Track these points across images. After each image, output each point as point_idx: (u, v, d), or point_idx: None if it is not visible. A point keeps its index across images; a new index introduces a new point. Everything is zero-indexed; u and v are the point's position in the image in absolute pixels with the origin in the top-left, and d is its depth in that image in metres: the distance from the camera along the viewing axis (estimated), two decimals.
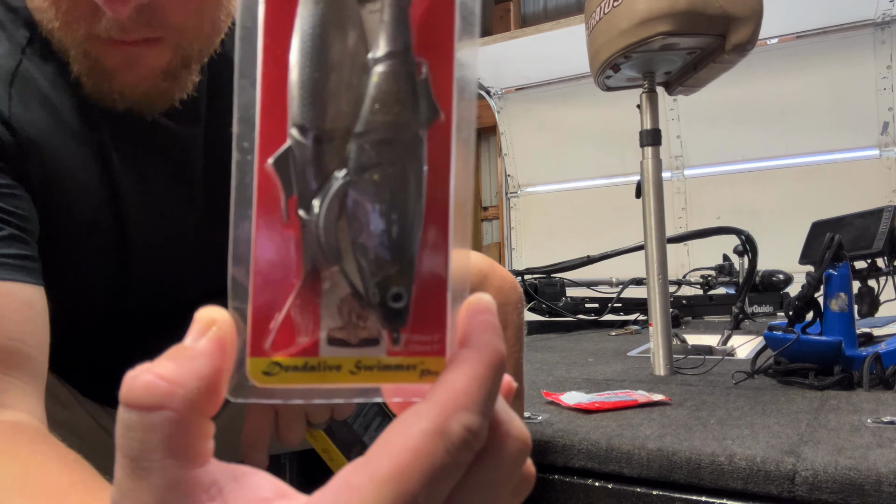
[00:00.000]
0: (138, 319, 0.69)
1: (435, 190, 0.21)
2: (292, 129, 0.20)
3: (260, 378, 0.21)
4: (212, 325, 0.20)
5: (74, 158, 0.59)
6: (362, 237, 0.21)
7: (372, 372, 0.21)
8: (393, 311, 0.21)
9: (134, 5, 0.50)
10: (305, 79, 0.20)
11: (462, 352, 0.21)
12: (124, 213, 0.62)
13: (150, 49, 0.54)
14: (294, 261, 0.21)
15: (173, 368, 0.20)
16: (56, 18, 0.53)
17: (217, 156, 0.66)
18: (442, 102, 0.21)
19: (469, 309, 0.22)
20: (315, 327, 0.21)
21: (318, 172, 0.20)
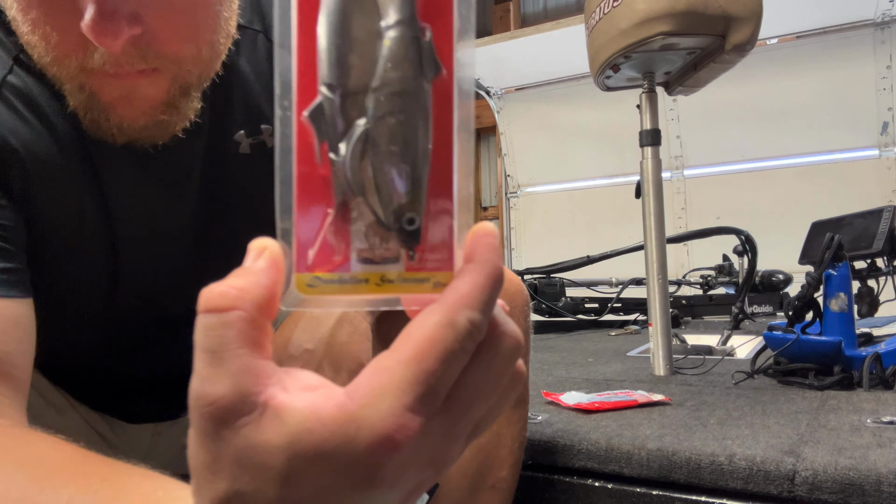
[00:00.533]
0: (129, 330, 0.69)
1: (440, 132, 0.25)
2: (322, 87, 0.25)
3: (304, 290, 0.26)
4: (264, 250, 0.26)
5: (62, 168, 0.57)
6: (380, 172, 0.25)
7: (393, 284, 0.26)
8: (408, 233, 0.25)
9: (126, 38, 0.47)
10: (331, 45, 0.25)
11: (467, 265, 0.26)
12: (115, 224, 0.61)
13: (146, 80, 0.52)
14: (327, 194, 0.26)
15: (241, 281, 0.25)
16: (47, 53, 0.51)
17: (217, 165, 0.64)
18: (443, 59, 0.25)
19: (474, 233, 0.26)
20: (346, 248, 0.26)
21: (344, 121, 0.25)
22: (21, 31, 0.51)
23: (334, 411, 0.24)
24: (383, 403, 0.24)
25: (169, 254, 0.66)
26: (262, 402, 0.24)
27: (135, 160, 0.60)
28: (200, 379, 0.25)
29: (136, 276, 0.64)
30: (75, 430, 0.73)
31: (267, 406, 0.24)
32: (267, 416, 0.24)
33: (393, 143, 0.25)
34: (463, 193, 0.26)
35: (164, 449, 0.80)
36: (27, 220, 0.57)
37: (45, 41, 0.50)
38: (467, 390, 0.26)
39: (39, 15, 0.49)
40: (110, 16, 0.46)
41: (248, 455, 0.24)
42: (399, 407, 0.24)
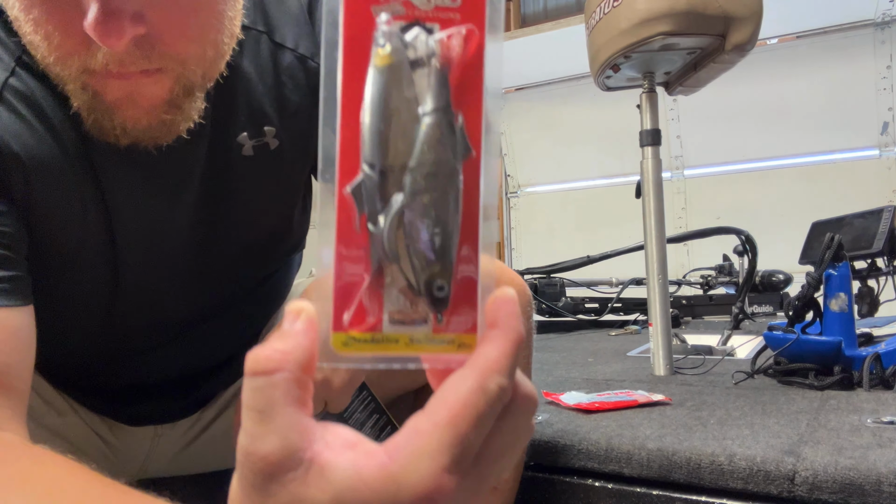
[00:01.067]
0: (130, 333, 0.69)
1: (468, 208, 0.29)
2: (364, 165, 0.28)
3: (340, 347, 0.28)
4: (301, 313, 0.28)
5: (64, 172, 0.57)
6: (414, 244, 0.28)
7: (421, 345, 0.29)
8: (437, 299, 0.28)
9: (130, 38, 0.47)
10: (373, 129, 0.28)
11: (493, 332, 0.28)
12: (116, 227, 0.60)
13: (150, 80, 0.51)
14: (364, 261, 0.28)
15: (283, 344, 0.27)
16: (50, 53, 0.50)
17: (220, 167, 0.64)
18: (473, 142, 0.29)
19: (497, 299, 0.28)
20: (380, 310, 0.28)
21: (382, 196, 0.28)
22: (23, 31, 0.50)
23: (376, 471, 0.25)
24: (422, 465, 0.25)
25: (170, 257, 0.65)
26: (307, 459, 0.26)
27: (136, 163, 0.59)
28: (250, 436, 0.26)
29: (137, 279, 0.64)
30: (75, 432, 0.73)
31: (312, 463, 0.26)
32: (312, 472, 0.25)
33: (427, 218, 0.28)
34: (486, 261, 0.29)
35: (163, 451, 0.80)
36: (29, 225, 0.56)
37: (48, 41, 0.49)
38: (494, 448, 0.28)
39: (41, 14, 0.48)
40: (114, 15, 0.46)
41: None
42: (437, 468, 0.26)
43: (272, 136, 0.65)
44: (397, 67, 0.28)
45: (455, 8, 0.29)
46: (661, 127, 1.27)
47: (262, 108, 0.64)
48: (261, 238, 0.71)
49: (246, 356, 0.27)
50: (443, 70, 0.28)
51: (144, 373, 0.74)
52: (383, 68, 0.28)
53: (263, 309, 0.81)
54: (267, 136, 0.65)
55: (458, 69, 0.29)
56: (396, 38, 0.28)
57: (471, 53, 0.29)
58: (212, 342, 0.76)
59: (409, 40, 0.28)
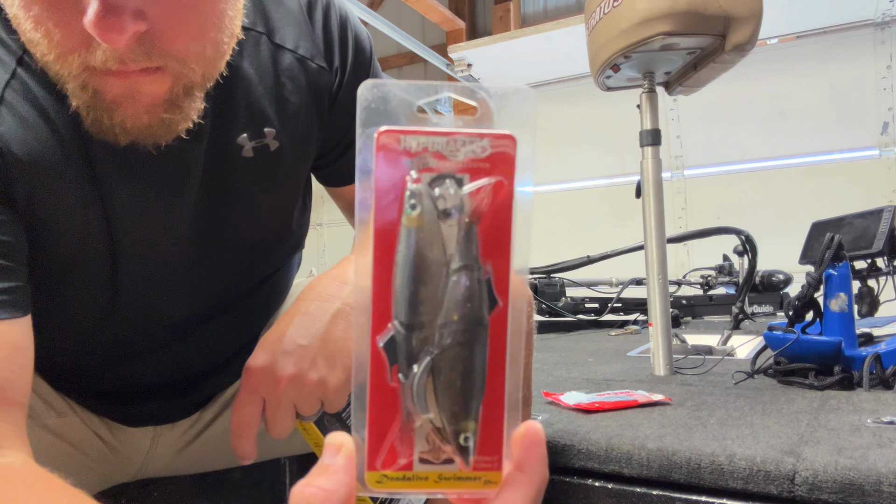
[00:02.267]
0: (130, 334, 0.68)
1: (494, 354, 0.30)
2: (395, 321, 0.30)
3: (374, 485, 0.31)
4: (340, 447, 0.30)
5: (66, 175, 0.56)
6: (442, 396, 0.30)
7: (450, 481, 0.31)
8: (463, 448, 0.30)
9: (131, 35, 0.47)
10: (404, 289, 0.30)
11: (519, 476, 0.30)
12: (115, 228, 0.60)
13: (150, 78, 0.51)
14: (395, 407, 0.30)
15: (325, 481, 0.28)
16: (50, 51, 0.49)
17: (219, 168, 0.64)
18: (500, 292, 0.30)
19: (525, 438, 0.30)
20: (410, 451, 0.31)
21: (412, 351, 0.30)
22: (22, 29, 0.50)
23: None
24: None
25: (170, 258, 0.65)
26: None
27: (136, 163, 0.59)
28: None
29: (137, 279, 0.64)
30: (75, 433, 0.73)
31: None
32: None
33: (453, 372, 0.30)
34: (512, 400, 0.31)
35: (162, 451, 0.80)
36: (29, 228, 0.56)
37: (48, 38, 0.49)
38: None
39: (41, 11, 0.48)
40: (115, 12, 0.45)
41: None
42: None
43: (272, 138, 0.65)
44: (426, 228, 0.29)
45: (485, 158, 0.30)
46: (661, 127, 1.27)
47: (262, 109, 0.64)
48: (261, 239, 0.71)
49: (291, 491, 0.28)
50: (471, 224, 0.30)
51: (144, 374, 0.74)
52: (413, 230, 0.29)
53: (263, 309, 0.81)
54: (267, 138, 0.65)
55: (486, 221, 0.30)
56: (426, 197, 0.29)
57: (499, 205, 0.30)
58: (212, 343, 0.76)
59: (438, 193, 0.29)
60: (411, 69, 4.90)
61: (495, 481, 0.31)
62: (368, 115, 0.30)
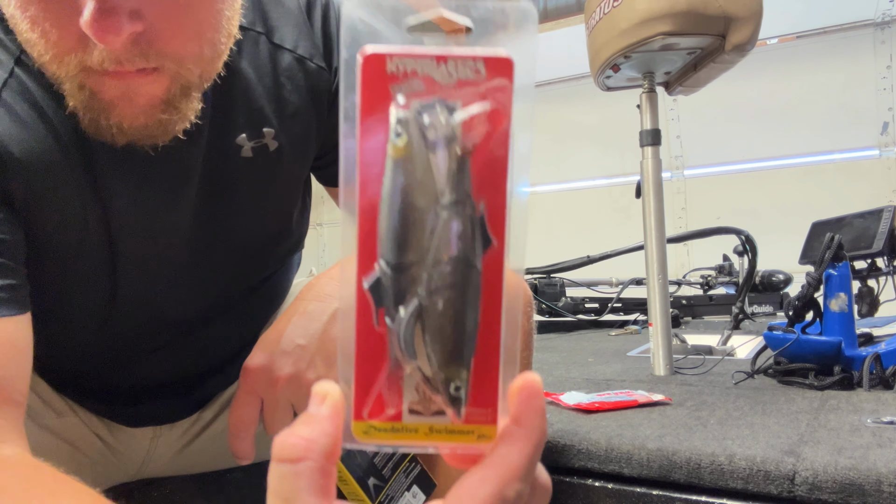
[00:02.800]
0: (129, 334, 0.68)
1: (489, 300, 0.28)
2: (381, 261, 0.27)
3: (361, 436, 0.29)
4: (326, 397, 0.27)
5: (64, 174, 0.56)
6: (431, 343, 0.27)
7: (441, 434, 0.29)
8: (454, 398, 0.28)
9: (127, 36, 0.46)
10: (390, 226, 0.27)
11: (516, 430, 0.27)
12: (114, 228, 0.60)
13: (147, 79, 0.51)
14: (383, 354, 0.28)
15: (308, 430, 0.27)
16: (47, 51, 0.49)
17: (218, 168, 0.64)
18: (495, 232, 0.28)
19: (522, 391, 0.27)
20: (399, 401, 0.28)
21: (399, 293, 0.27)
22: (19, 29, 0.50)
23: None
24: None
25: (169, 257, 0.65)
26: None
27: (135, 163, 0.59)
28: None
29: (136, 279, 0.64)
30: (74, 433, 0.73)
31: None
32: None
33: (444, 318, 0.27)
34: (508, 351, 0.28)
35: (162, 452, 0.80)
36: (28, 227, 0.56)
37: (45, 38, 0.49)
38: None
39: (38, 11, 0.48)
40: (111, 12, 0.45)
41: None
42: None
43: (271, 138, 0.65)
44: (413, 159, 0.27)
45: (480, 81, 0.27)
46: (661, 127, 1.27)
47: (261, 109, 0.64)
48: (260, 239, 0.71)
49: (273, 441, 0.27)
50: (463, 156, 0.27)
51: (144, 374, 0.74)
52: (399, 161, 0.27)
53: (263, 309, 0.81)
54: (266, 138, 0.65)
55: (481, 152, 0.27)
56: (413, 125, 0.27)
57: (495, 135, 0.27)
58: (211, 343, 0.75)
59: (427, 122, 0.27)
60: None
61: (490, 436, 0.28)
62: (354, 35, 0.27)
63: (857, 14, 3.23)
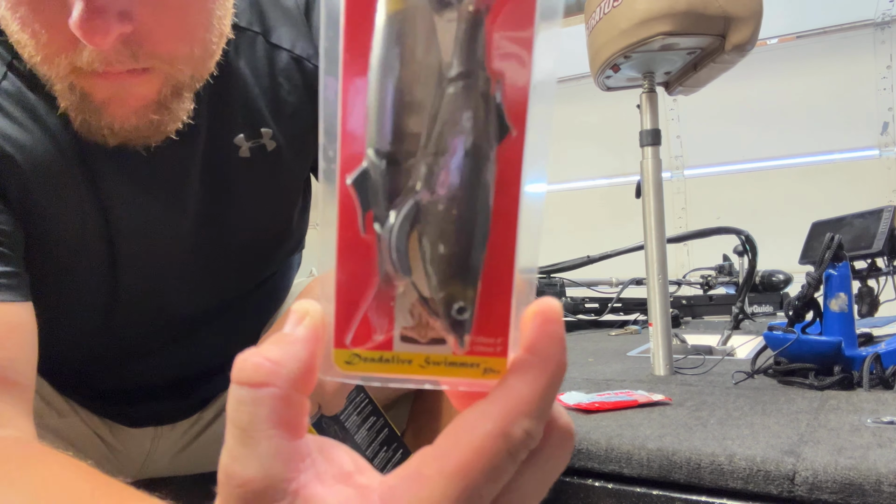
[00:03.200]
0: (128, 336, 0.69)
1: (503, 202, 0.22)
2: (369, 150, 0.22)
3: (343, 366, 0.24)
4: (305, 316, 0.23)
5: (61, 173, 0.56)
6: (430, 253, 0.22)
7: (439, 367, 0.24)
8: (457, 322, 0.22)
9: (116, 36, 0.47)
10: (380, 103, 0.21)
11: (528, 359, 0.23)
12: (113, 229, 0.60)
13: (137, 79, 0.51)
14: (371, 268, 0.23)
15: (277, 352, 0.22)
16: (37, 52, 0.49)
17: (216, 168, 0.64)
18: (514, 118, 0.21)
19: (538, 317, 0.23)
20: (389, 326, 0.23)
21: (392, 191, 0.22)
22: (10, 30, 0.50)
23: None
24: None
25: (169, 258, 0.65)
26: (292, 491, 0.22)
27: (132, 164, 0.59)
28: (231, 456, 0.22)
29: (136, 280, 0.64)
30: (76, 433, 0.73)
31: (297, 496, 0.22)
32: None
33: (447, 222, 0.21)
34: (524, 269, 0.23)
35: (163, 452, 0.80)
36: (27, 228, 0.56)
37: (35, 39, 0.49)
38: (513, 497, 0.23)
39: (28, 12, 0.48)
40: (100, 13, 0.45)
41: None
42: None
43: (269, 138, 0.65)
44: (413, 14, 0.21)
45: None
46: (661, 127, 1.27)
47: (259, 109, 0.64)
48: (260, 239, 0.71)
49: (236, 362, 0.23)
50: (477, 16, 0.21)
51: (144, 374, 0.74)
52: (394, 16, 0.21)
53: (263, 310, 0.81)
54: (264, 138, 0.65)
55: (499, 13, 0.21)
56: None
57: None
58: (212, 343, 0.76)
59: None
60: None
61: (498, 370, 0.23)
62: None
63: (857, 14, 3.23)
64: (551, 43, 0.22)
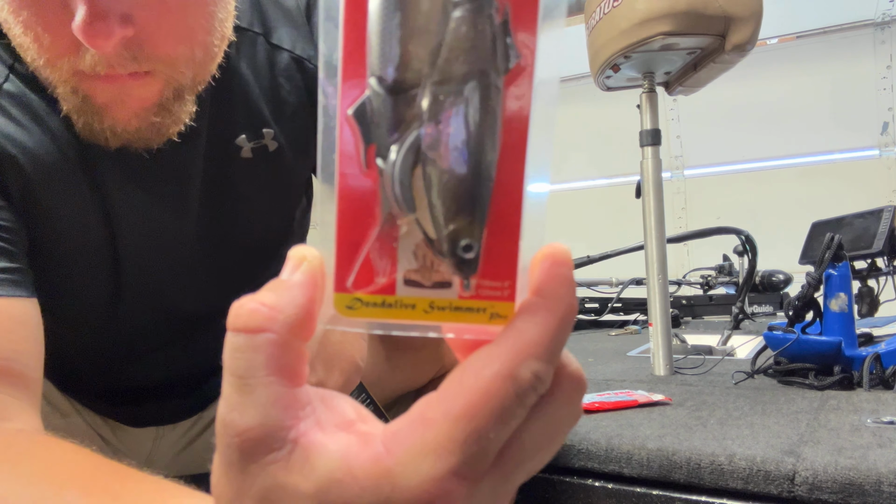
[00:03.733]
0: (131, 336, 0.69)
1: (511, 135, 0.21)
2: (370, 79, 0.21)
3: (344, 311, 0.23)
4: (303, 261, 0.23)
5: (63, 174, 0.57)
6: (435, 187, 0.21)
7: (444, 312, 0.23)
8: (463, 261, 0.22)
9: (118, 39, 0.47)
10: (382, 29, 0.20)
11: (537, 301, 0.22)
12: (116, 230, 0.60)
13: (139, 82, 0.51)
14: (373, 206, 0.22)
15: (273, 297, 0.22)
16: (40, 56, 0.50)
17: (218, 169, 0.64)
18: (522, 45, 0.21)
19: (546, 259, 0.22)
20: (392, 269, 0.22)
21: (395, 122, 0.21)
22: (13, 34, 0.50)
23: (368, 464, 0.21)
24: (425, 463, 0.21)
25: (171, 258, 0.65)
26: (291, 439, 0.21)
27: (134, 165, 0.59)
28: (228, 405, 0.22)
29: (139, 280, 0.64)
30: (78, 433, 0.74)
31: (297, 444, 0.21)
32: (296, 456, 0.21)
33: (452, 153, 0.21)
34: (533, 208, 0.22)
35: (165, 452, 0.81)
36: (29, 227, 0.56)
37: (38, 43, 0.49)
38: (523, 445, 0.23)
39: (31, 16, 0.48)
40: (102, 16, 0.46)
41: (273, 496, 0.21)
42: (443, 469, 0.20)
43: (271, 138, 0.65)
44: None
45: None
46: (661, 127, 1.27)
47: (260, 110, 0.64)
48: (263, 239, 0.72)
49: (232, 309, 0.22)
50: None
51: (145, 374, 0.74)
52: None
53: None
54: (265, 139, 0.65)
55: None
56: None
57: None
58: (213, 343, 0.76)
59: None
60: None
61: (505, 315, 0.22)
62: None
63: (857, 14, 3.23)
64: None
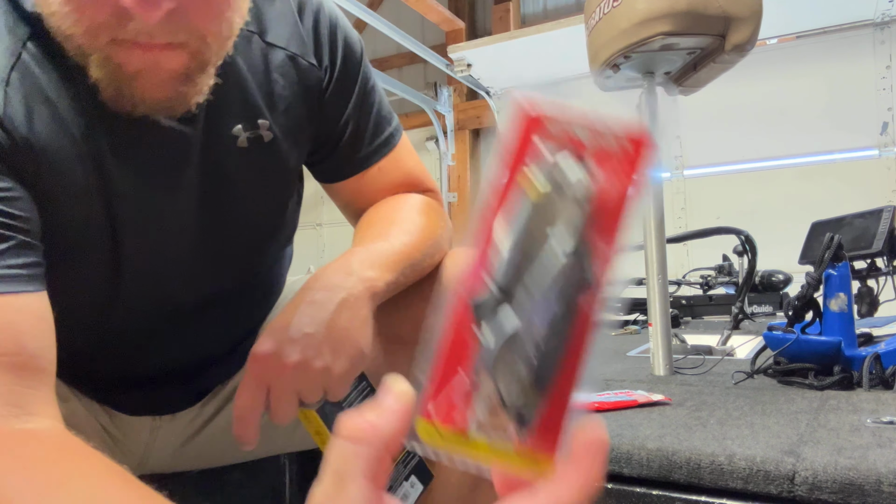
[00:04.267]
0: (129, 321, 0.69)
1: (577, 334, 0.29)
2: (492, 285, 0.29)
3: (423, 435, 0.30)
4: (402, 394, 0.29)
5: (69, 157, 0.58)
6: (514, 368, 0.29)
7: (499, 454, 0.29)
8: (521, 425, 0.29)
9: (165, 10, 0.50)
10: (511, 258, 0.29)
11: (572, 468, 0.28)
12: (118, 213, 0.61)
13: (171, 53, 0.54)
14: (467, 361, 0.29)
15: (375, 417, 0.28)
16: (78, 25, 0.52)
17: (215, 157, 0.65)
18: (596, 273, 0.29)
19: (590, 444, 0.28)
20: (468, 412, 0.29)
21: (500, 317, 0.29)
22: (49, 2, 0.52)
23: None
24: None
25: (170, 242, 0.66)
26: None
27: (136, 148, 0.61)
28: (325, 494, 0.27)
29: (138, 263, 0.65)
30: (77, 418, 0.74)
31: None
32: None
33: (534, 350, 0.29)
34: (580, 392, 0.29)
35: (163, 444, 0.81)
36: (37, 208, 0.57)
37: (79, 12, 0.51)
38: None
39: None
40: None
41: None
42: None
43: (266, 129, 0.68)
44: (548, 204, 0.29)
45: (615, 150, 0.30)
46: None
47: (256, 102, 0.67)
48: (257, 227, 0.73)
49: (342, 421, 0.28)
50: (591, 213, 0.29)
51: (142, 361, 0.75)
52: (535, 203, 0.29)
53: (259, 302, 0.82)
54: (261, 129, 0.68)
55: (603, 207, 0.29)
56: (558, 172, 0.29)
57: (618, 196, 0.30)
58: (209, 332, 0.76)
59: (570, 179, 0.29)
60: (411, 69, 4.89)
61: (547, 467, 0.29)
62: None
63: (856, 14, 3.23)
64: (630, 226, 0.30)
